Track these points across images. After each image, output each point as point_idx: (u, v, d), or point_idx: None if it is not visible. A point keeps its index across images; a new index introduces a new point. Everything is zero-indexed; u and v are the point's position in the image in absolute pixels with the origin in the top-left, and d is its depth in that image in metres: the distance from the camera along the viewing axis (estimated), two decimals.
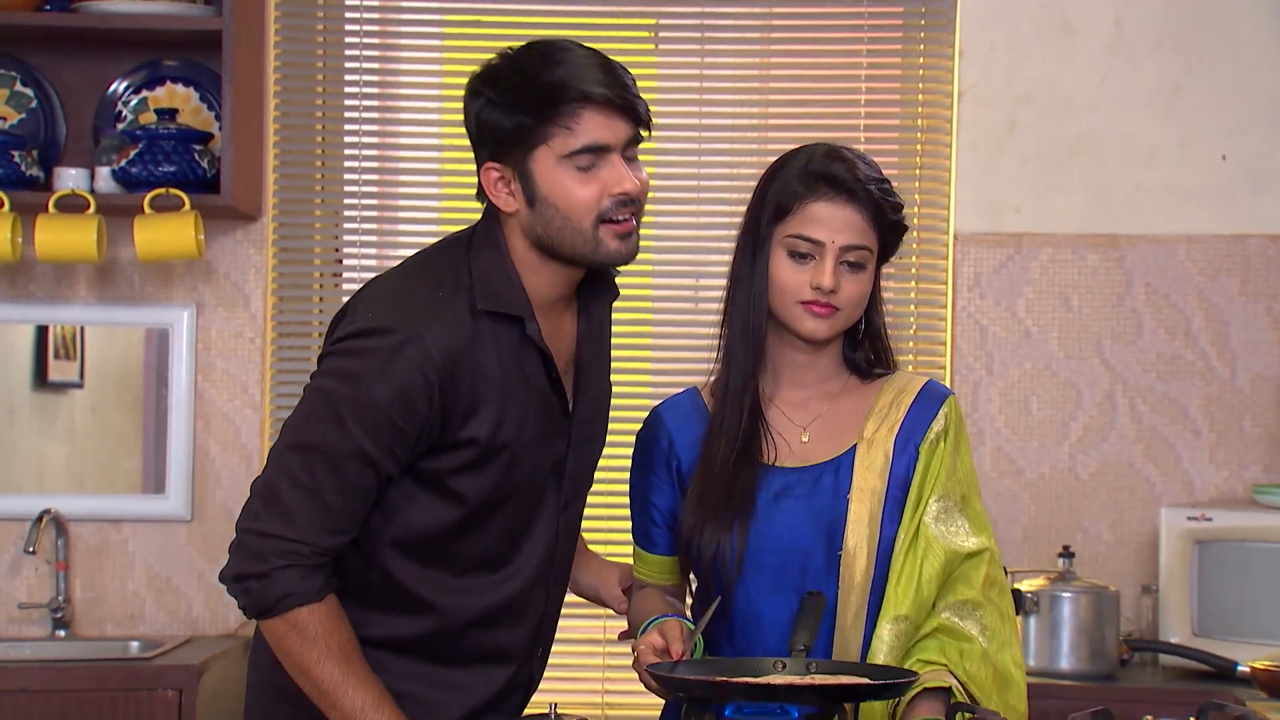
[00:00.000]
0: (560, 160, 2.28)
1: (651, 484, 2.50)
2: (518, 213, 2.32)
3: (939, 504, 2.41)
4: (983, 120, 4.10)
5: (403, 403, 2.25)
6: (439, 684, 2.40)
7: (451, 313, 2.29)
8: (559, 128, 2.27)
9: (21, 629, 4.06)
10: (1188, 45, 4.09)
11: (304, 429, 2.29)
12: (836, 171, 2.38)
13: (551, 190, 2.29)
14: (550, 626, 2.51)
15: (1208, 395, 4.08)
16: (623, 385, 4.15)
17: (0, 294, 4.07)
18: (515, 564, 2.40)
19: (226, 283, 4.10)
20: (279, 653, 2.30)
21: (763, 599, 2.40)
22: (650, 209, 4.16)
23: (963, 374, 4.09)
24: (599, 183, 2.29)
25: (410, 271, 2.38)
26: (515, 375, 2.34)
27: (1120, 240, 4.10)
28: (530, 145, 2.28)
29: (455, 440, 2.30)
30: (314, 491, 2.26)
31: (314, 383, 2.32)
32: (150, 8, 3.91)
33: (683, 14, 4.16)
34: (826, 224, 2.38)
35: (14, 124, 4.03)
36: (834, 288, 2.38)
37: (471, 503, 2.33)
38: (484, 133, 2.31)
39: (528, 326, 2.34)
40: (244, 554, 2.28)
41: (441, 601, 2.37)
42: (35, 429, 4.11)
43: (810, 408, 2.47)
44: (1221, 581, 3.78)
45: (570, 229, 2.30)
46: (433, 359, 2.26)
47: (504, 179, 2.32)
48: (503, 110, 2.28)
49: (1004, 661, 2.38)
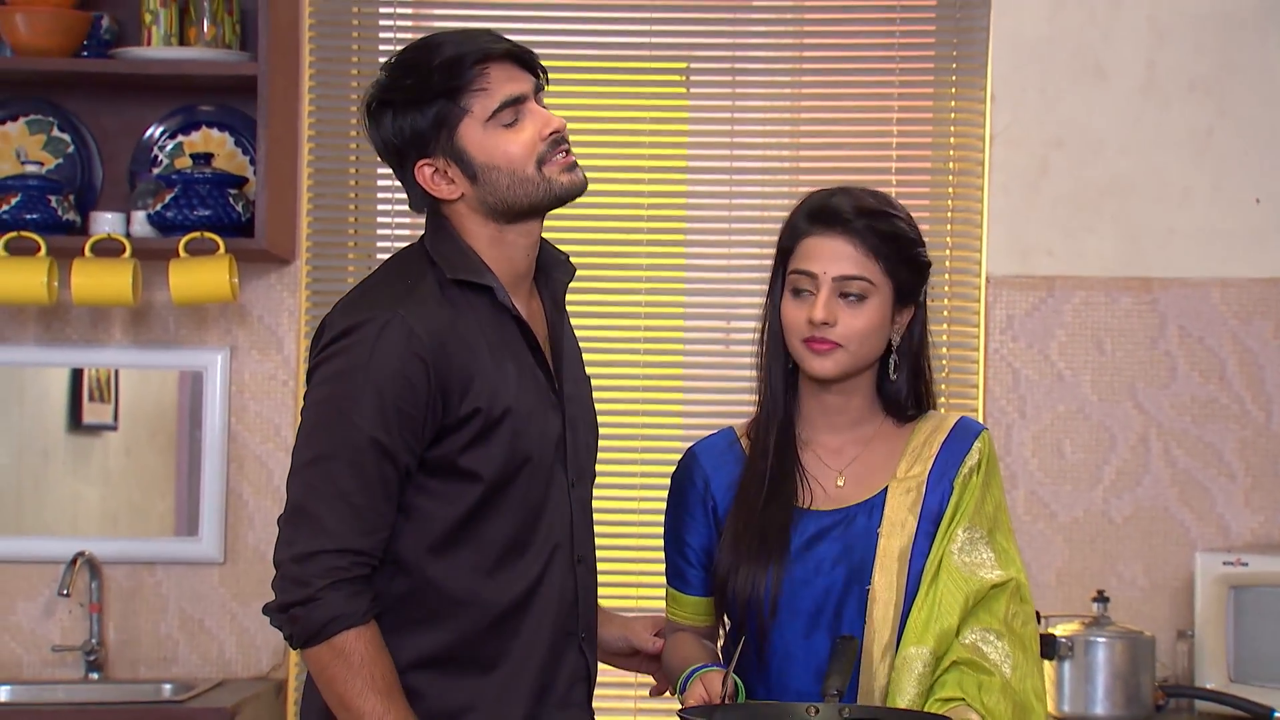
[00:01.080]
0: (486, 124, 2.36)
1: (686, 523, 2.49)
2: (464, 195, 2.39)
3: (965, 535, 2.40)
4: (1014, 163, 4.10)
5: (401, 383, 2.29)
6: (492, 687, 2.38)
7: (423, 292, 2.36)
8: (473, 93, 2.35)
9: (55, 671, 4.07)
10: (1220, 88, 4.08)
11: (312, 442, 2.32)
12: (832, 204, 2.39)
13: (490, 155, 2.37)
14: (588, 612, 2.49)
15: (1242, 439, 4.06)
16: (654, 428, 4.20)
17: (36, 337, 4.10)
18: (538, 544, 2.40)
19: (260, 326, 4.11)
20: (323, 684, 2.30)
21: (797, 641, 2.39)
22: (681, 250, 4.20)
23: (995, 417, 4.08)
24: (528, 131, 2.37)
25: (373, 277, 2.45)
26: (499, 343, 2.38)
27: (1153, 283, 4.09)
28: (453, 124, 2.36)
29: (459, 417, 2.33)
30: (339, 495, 2.28)
31: (308, 399, 2.35)
32: (186, 54, 3.94)
33: (714, 57, 4.17)
34: (819, 256, 2.38)
35: (51, 169, 4.06)
36: (827, 320, 2.37)
37: (486, 478, 2.35)
38: (403, 139, 2.38)
39: (497, 293, 2.39)
40: (287, 583, 2.30)
41: (480, 594, 2.36)
42: (69, 471, 4.13)
43: (846, 452, 2.47)
44: (1258, 627, 3.75)
45: (519, 181, 2.37)
46: (417, 335, 2.30)
47: (439, 170, 2.39)
48: (416, 107, 2.36)
49: (1025, 692, 2.37)
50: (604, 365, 4.14)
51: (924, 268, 2.44)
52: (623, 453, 4.09)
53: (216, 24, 3.99)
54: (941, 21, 4.12)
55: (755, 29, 4.16)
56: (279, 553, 2.32)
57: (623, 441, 4.10)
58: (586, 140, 4.13)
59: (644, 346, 4.15)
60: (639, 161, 4.15)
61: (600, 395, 4.08)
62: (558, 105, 4.24)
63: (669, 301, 4.18)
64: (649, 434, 4.11)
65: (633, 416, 4.13)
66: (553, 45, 4.16)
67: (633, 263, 4.15)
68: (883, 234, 2.39)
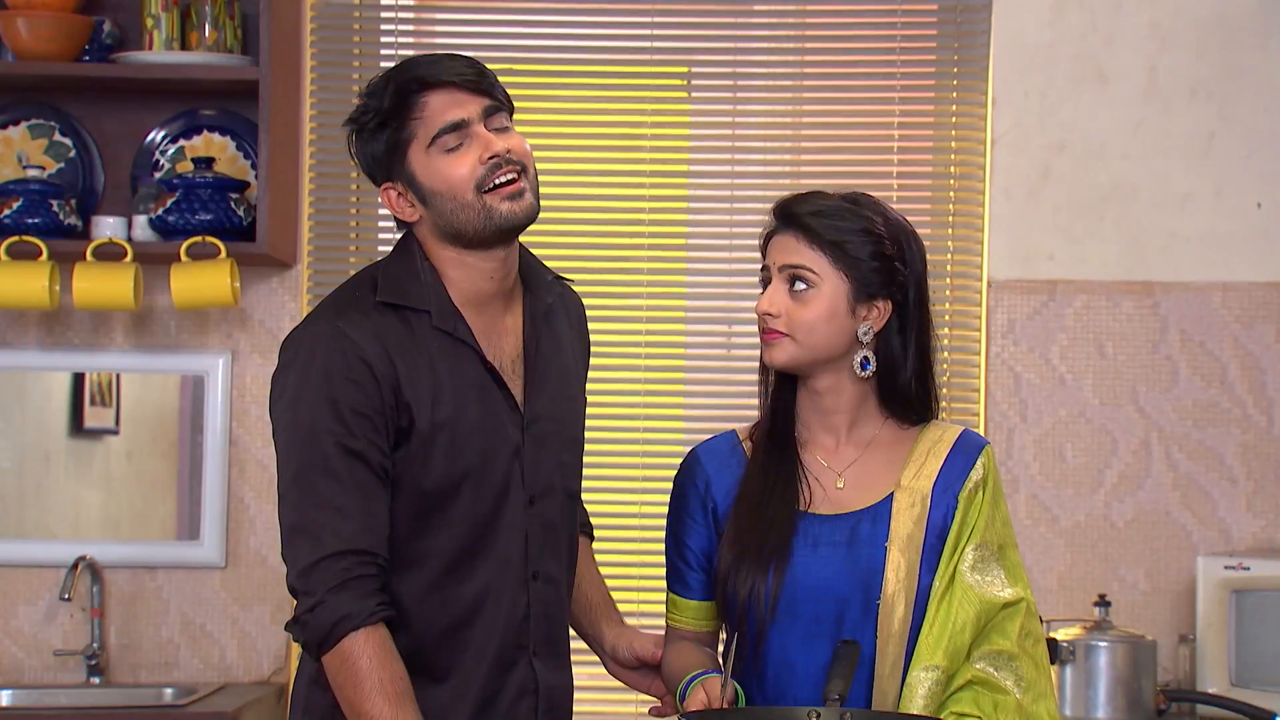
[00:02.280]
0: (428, 150, 2.42)
1: (686, 525, 2.49)
2: (422, 218, 2.45)
3: (975, 553, 2.40)
4: (1016, 167, 4.10)
5: (350, 388, 2.35)
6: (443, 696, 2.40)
7: (360, 307, 2.42)
8: (414, 120, 2.42)
9: (57, 676, 4.06)
10: (1221, 93, 4.08)
11: (288, 464, 2.39)
12: (790, 203, 2.44)
13: (432, 179, 2.42)
14: (543, 627, 2.50)
15: (1244, 443, 4.06)
16: (655, 432, 4.19)
17: (38, 341, 4.10)
18: (485, 560, 2.42)
19: (261, 330, 4.12)
20: (335, 689, 2.33)
21: (797, 647, 2.39)
22: (682, 254, 4.20)
23: (996, 421, 4.08)
24: (469, 155, 2.41)
25: (324, 300, 2.52)
26: (441, 357, 2.41)
27: (1155, 287, 4.09)
28: (402, 151, 2.43)
29: (399, 426, 2.38)
30: (324, 503, 2.33)
31: (274, 430, 2.43)
32: (188, 58, 3.95)
33: (715, 61, 4.17)
34: (773, 250, 2.44)
35: (52, 173, 4.06)
36: (770, 310, 2.41)
37: (428, 488, 2.39)
38: (367, 163, 2.48)
39: (434, 318, 2.42)
40: (298, 597, 2.35)
41: (427, 607, 2.40)
42: (71, 475, 4.13)
43: (845, 454, 2.47)
44: (1259, 631, 3.75)
45: (459, 207, 2.42)
46: (354, 340, 2.37)
47: (399, 193, 2.46)
48: (372, 134, 2.45)
49: (1039, 713, 2.37)
50: (605, 369, 4.14)
51: (889, 263, 2.42)
52: (624, 457, 4.09)
53: (218, 28, 3.99)
54: (943, 26, 4.12)
55: (757, 33, 4.16)
56: (288, 577, 2.37)
57: (624, 445, 4.10)
58: (587, 144, 4.14)
59: (645, 350, 4.15)
60: (640, 165, 4.15)
61: (602, 399, 4.12)
62: (559, 109, 4.27)
63: (670, 305, 4.18)
64: (650, 438, 4.11)
65: (634, 420, 4.13)
66: (554, 49, 4.17)
67: (634, 266, 4.15)
68: (832, 228, 2.41)
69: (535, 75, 4.14)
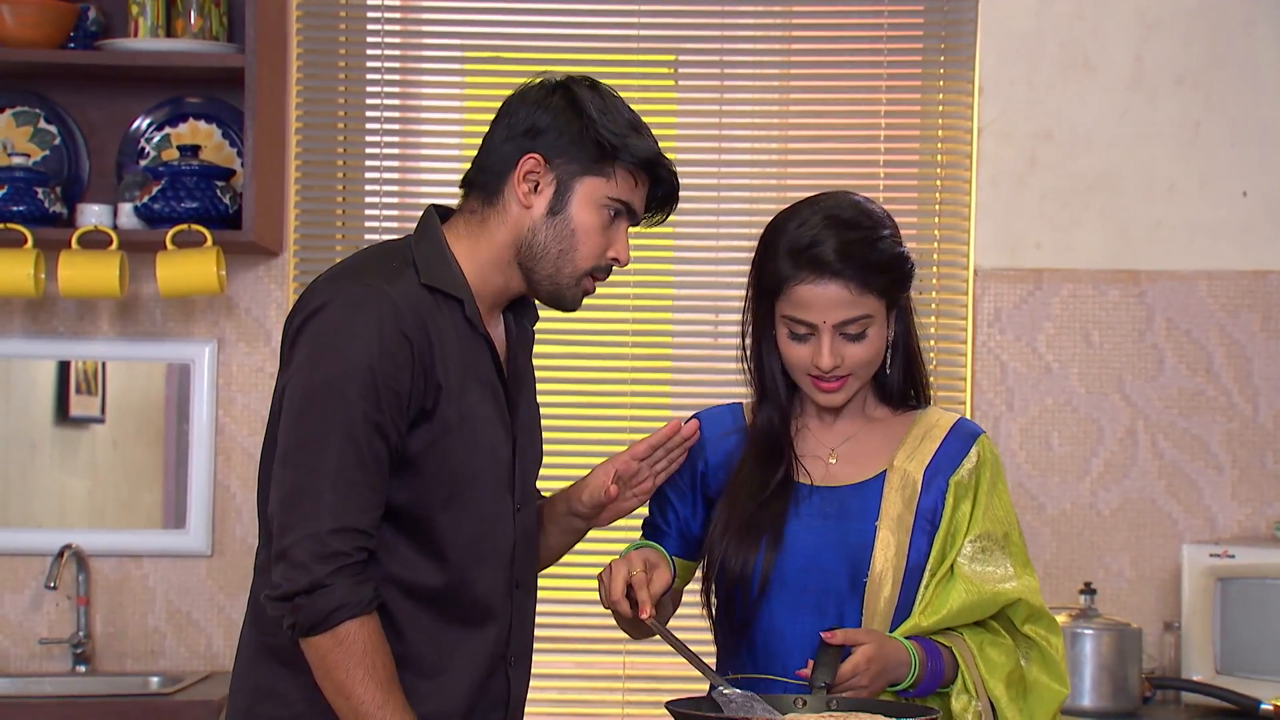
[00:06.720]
0: (604, 199, 2.35)
1: (674, 479, 2.50)
2: (528, 211, 2.36)
3: (974, 545, 2.42)
4: (1003, 156, 4.11)
5: (385, 357, 2.25)
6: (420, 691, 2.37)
7: (405, 279, 2.32)
8: (626, 174, 2.35)
9: (42, 664, 4.06)
10: (1208, 82, 4.09)
11: (302, 422, 2.27)
12: (817, 254, 2.34)
13: (581, 217, 2.35)
14: (520, 637, 2.48)
15: (1229, 431, 4.07)
16: (642, 420, 4.19)
17: (23, 329, 4.09)
18: (488, 560, 2.39)
19: (248, 318, 4.11)
20: (320, 671, 2.27)
21: (785, 616, 2.40)
22: (669, 243, 4.20)
23: (983, 410, 4.08)
24: (609, 238, 2.37)
25: (356, 257, 2.41)
26: (464, 352, 2.36)
27: (1141, 276, 4.09)
28: (591, 169, 2.35)
29: (423, 409, 2.29)
30: (337, 472, 2.24)
31: (292, 381, 2.30)
32: (173, 45, 3.93)
33: (702, 50, 4.17)
34: (814, 306, 2.36)
35: (37, 160, 4.05)
36: (834, 365, 2.37)
37: (453, 469, 2.32)
38: (556, 130, 2.35)
39: (466, 308, 2.36)
40: (291, 569, 2.25)
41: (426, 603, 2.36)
42: (56, 464, 4.12)
43: (838, 430, 2.48)
44: (1244, 619, 3.76)
45: (566, 259, 2.36)
46: (398, 308, 2.27)
47: (538, 175, 2.35)
48: (599, 125, 2.34)
49: (1035, 682, 2.43)
50: (592, 358, 4.14)
51: (910, 273, 2.44)
52: (609, 445, 4.08)
53: (203, 15, 3.98)
54: (930, 14, 4.12)
55: (743, 21, 4.16)
56: (279, 540, 2.28)
57: (610, 435, 4.10)
58: None
59: (632, 339, 4.15)
60: None
61: (588, 388, 4.13)
62: None
63: (657, 294, 4.18)
64: (637, 426, 4.11)
65: (620, 410, 4.13)
66: (540, 37, 4.16)
67: None
68: (871, 265, 2.36)
69: (521, 64, 4.13)
